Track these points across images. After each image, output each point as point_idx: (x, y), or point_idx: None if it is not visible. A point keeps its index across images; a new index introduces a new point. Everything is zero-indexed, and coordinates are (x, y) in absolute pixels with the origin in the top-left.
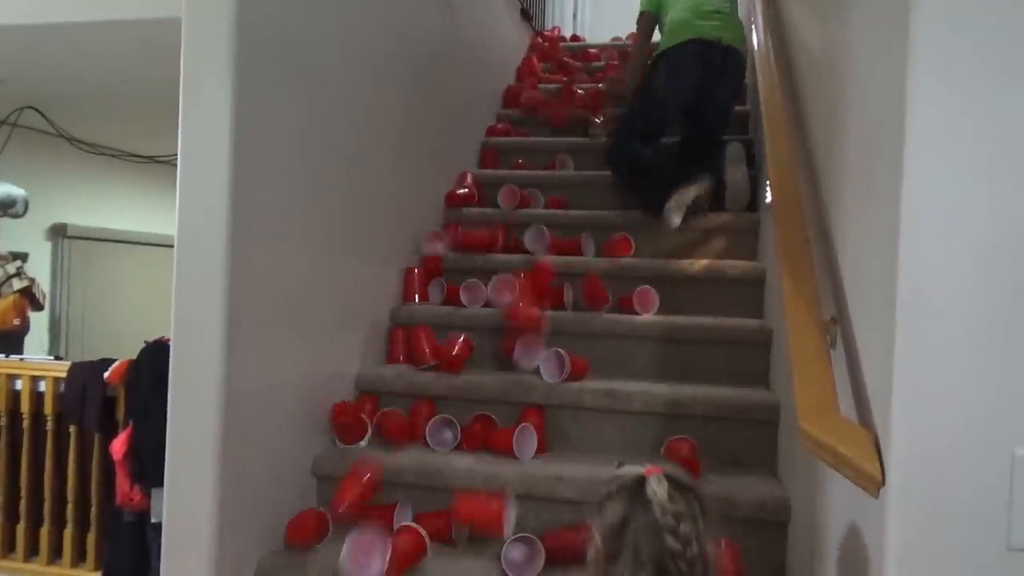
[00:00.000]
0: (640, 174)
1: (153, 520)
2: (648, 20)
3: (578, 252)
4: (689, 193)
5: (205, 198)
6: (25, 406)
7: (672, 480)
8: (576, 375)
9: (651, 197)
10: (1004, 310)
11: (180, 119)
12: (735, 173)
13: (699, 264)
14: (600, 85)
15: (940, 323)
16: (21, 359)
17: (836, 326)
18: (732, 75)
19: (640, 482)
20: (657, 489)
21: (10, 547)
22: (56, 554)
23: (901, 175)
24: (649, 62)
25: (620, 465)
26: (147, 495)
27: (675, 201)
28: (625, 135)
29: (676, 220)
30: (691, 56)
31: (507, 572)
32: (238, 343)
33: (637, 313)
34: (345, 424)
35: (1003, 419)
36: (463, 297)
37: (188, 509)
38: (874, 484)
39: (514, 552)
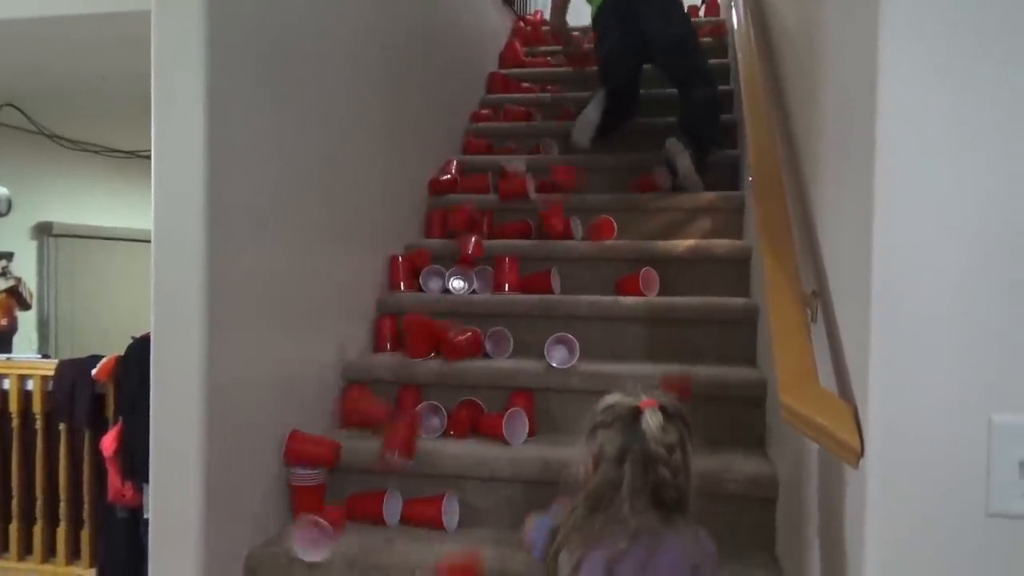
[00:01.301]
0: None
1: (146, 516)
2: None
3: (568, 236)
4: (588, 114)
5: (180, 192)
6: (14, 405)
7: (664, 410)
8: None
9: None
10: (978, 280)
11: (153, 113)
12: (683, 161)
13: (685, 244)
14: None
15: (915, 294)
16: (8, 358)
17: (817, 300)
18: (654, 6)
19: (635, 413)
20: (651, 422)
21: (3, 546)
22: (50, 552)
23: (873, 150)
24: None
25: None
26: (139, 491)
27: (577, 127)
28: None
29: (583, 140)
30: (607, 17)
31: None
32: (219, 336)
33: (625, 295)
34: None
35: (979, 387)
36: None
37: (174, 503)
38: (854, 455)
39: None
